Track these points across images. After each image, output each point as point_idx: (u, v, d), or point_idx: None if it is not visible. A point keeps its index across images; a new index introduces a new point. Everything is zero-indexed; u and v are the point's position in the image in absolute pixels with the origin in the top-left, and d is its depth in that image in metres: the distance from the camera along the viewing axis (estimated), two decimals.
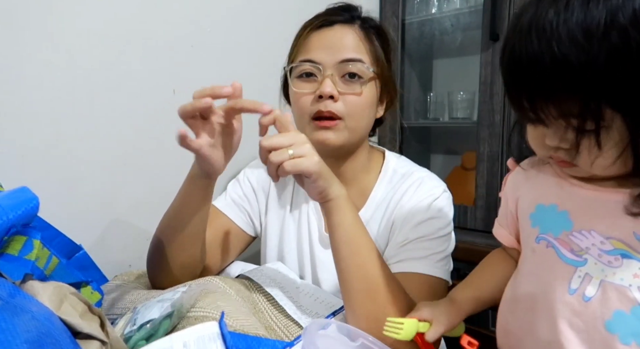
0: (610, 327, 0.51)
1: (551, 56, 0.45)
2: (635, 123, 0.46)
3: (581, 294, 0.53)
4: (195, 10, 1.16)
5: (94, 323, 0.53)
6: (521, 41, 0.48)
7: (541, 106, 0.48)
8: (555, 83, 0.46)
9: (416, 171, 0.91)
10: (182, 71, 1.14)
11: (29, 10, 0.89)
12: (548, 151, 0.54)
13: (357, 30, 0.85)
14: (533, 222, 0.60)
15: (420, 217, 0.82)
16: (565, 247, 0.55)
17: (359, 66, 0.82)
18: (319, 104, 0.82)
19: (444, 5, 1.67)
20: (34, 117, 0.91)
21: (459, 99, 1.66)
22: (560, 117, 0.48)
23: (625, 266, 0.51)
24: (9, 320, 0.41)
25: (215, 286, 0.75)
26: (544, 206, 0.59)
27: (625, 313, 0.51)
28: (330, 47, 0.83)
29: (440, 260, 0.80)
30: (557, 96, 0.47)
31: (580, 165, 0.52)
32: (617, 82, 0.45)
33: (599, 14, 0.44)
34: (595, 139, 0.48)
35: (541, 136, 0.53)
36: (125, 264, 1.05)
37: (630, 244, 0.51)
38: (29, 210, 0.53)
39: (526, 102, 0.49)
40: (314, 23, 0.87)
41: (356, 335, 0.63)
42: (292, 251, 0.95)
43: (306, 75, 0.85)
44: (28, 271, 0.51)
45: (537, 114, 0.49)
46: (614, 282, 0.52)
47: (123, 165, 1.05)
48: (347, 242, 0.71)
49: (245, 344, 0.59)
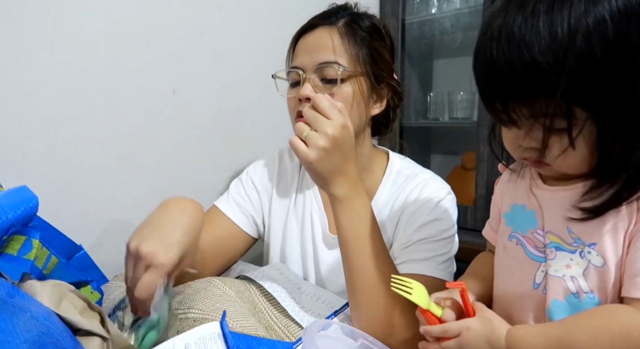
0: (550, 315, 0.56)
1: (521, 60, 0.48)
2: (602, 121, 0.49)
3: (542, 288, 0.58)
4: (195, 10, 1.16)
5: (94, 320, 0.53)
6: (492, 46, 0.50)
7: (514, 107, 0.51)
8: (525, 85, 0.49)
9: (420, 172, 0.91)
10: (182, 71, 1.14)
11: (28, 11, 0.89)
12: (522, 152, 0.56)
13: (338, 30, 0.85)
14: (507, 221, 0.64)
15: (424, 218, 0.82)
16: (531, 244, 0.60)
17: (332, 69, 0.82)
18: (300, 106, 0.83)
19: (444, 5, 1.67)
20: (34, 117, 0.91)
21: (459, 99, 1.66)
22: (532, 118, 0.50)
23: (559, 258, 0.56)
24: (9, 320, 0.41)
25: (215, 286, 0.75)
26: (517, 206, 0.63)
27: (560, 302, 0.55)
28: (309, 51, 0.85)
29: (443, 262, 0.80)
30: (528, 97, 0.49)
31: (552, 164, 0.54)
32: (584, 83, 0.47)
33: (563, 19, 0.46)
34: (567, 137, 0.50)
35: (514, 138, 0.55)
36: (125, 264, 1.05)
37: (562, 237, 0.56)
38: (28, 210, 0.53)
39: (499, 104, 0.51)
40: (300, 29, 0.89)
41: (356, 335, 0.63)
42: (296, 251, 0.95)
43: (295, 83, 0.87)
44: (27, 270, 0.51)
45: (510, 116, 0.51)
46: (551, 274, 0.56)
47: (123, 165, 1.05)
48: (353, 241, 0.71)
49: (246, 344, 0.59)
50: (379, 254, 0.72)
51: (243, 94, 1.28)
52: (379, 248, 0.72)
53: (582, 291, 0.54)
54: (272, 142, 1.15)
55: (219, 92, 1.23)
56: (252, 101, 1.29)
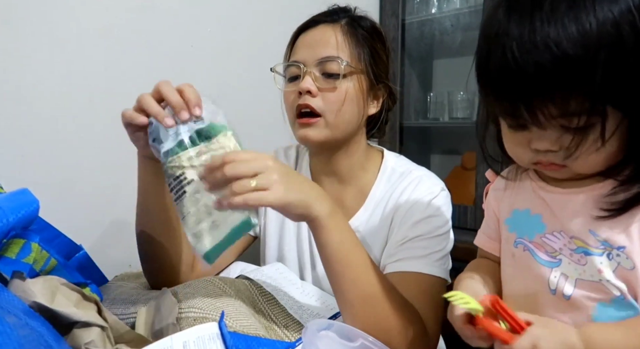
0: (597, 319, 0.53)
1: (550, 56, 0.46)
2: (635, 117, 0.48)
3: (561, 293, 0.55)
4: (195, 10, 1.16)
5: (91, 310, 0.53)
6: (509, 48, 0.48)
7: (540, 106, 0.48)
8: (556, 82, 0.47)
9: (414, 169, 0.91)
10: (182, 71, 1.14)
11: (29, 11, 0.89)
12: (535, 155, 0.53)
13: (341, 28, 0.86)
14: (510, 227, 0.62)
15: (419, 215, 0.82)
16: (540, 249, 0.57)
17: (334, 64, 0.83)
18: (299, 99, 0.84)
19: (444, 5, 1.67)
20: (34, 117, 0.91)
21: (459, 99, 1.66)
22: (560, 117, 0.49)
23: (590, 263, 0.54)
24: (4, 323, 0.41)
25: (215, 286, 0.75)
26: (519, 211, 0.61)
27: (606, 304, 0.53)
28: (312, 46, 0.85)
29: (439, 259, 0.80)
30: (559, 95, 0.47)
31: (573, 165, 0.52)
32: (618, 77, 0.46)
33: (589, 13, 0.45)
34: (594, 135, 0.48)
35: (526, 142, 0.53)
36: (125, 264, 1.05)
37: (586, 242, 0.54)
38: (29, 213, 0.53)
39: (523, 105, 0.49)
40: (302, 25, 0.90)
41: (356, 335, 0.63)
42: (292, 250, 0.95)
43: (293, 78, 0.87)
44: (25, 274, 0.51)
45: (535, 117, 0.49)
46: (587, 279, 0.54)
47: (123, 165, 1.05)
48: (337, 261, 0.68)
49: (245, 344, 0.59)
50: (365, 267, 0.69)
51: (242, 94, 1.28)
52: (364, 261, 0.69)
53: (624, 292, 0.52)
54: (270, 142, 1.15)
55: (219, 92, 1.22)
56: (251, 101, 1.29)
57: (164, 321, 0.63)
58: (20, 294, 0.49)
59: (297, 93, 0.84)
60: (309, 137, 0.84)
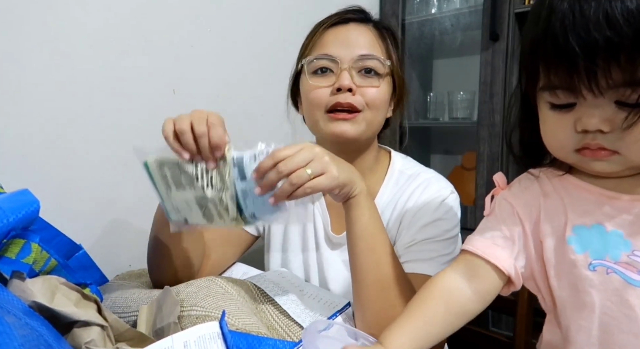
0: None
1: (623, 9, 0.42)
2: None
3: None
4: (195, 10, 1.16)
5: (90, 309, 0.53)
6: (576, 4, 0.44)
7: (602, 69, 0.44)
8: (625, 40, 0.42)
9: (423, 172, 0.90)
10: (182, 71, 1.14)
11: (28, 11, 0.89)
12: (581, 139, 0.48)
13: (371, 29, 0.87)
14: (576, 247, 0.53)
15: (428, 218, 0.82)
16: (631, 270, 0.50)
17: (375, 62, 0.84)
18: (337, 96, 0.82)
19: (444, 5, 1.67)
20: (34, 117, 0.91)
21: (459, 99, 1.66)
22: (622, 85, 0.44)
23: None
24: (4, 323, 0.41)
25: (217, 285, 0.75)
26: (586, 228, 0.53)
27: None
28: (347, 43, 0.85)
29: (446, 262, 0.80)
30: (625, 56, 0.43)
31: (626, 150, 0.47)
32: None
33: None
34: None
35: (571, 124, 0.48)
36: (125, 264, 1.05)
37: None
38: (29, 213, 0.53)
39: (585, 64, 0.44)
40: (329, 21, 0.89)
41: (357, 336, 0.63)
42: (297, 250, 0.95)
43: (322, 70, 0.85)
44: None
45: (596, 80, 0.44)
46: None
47: (123, 165, 1.05)
48: (363, 238, 0.71)
49: (246, 343, 0.59)
50: (387, 250, 0.72)
51: (243, 94, 1.28)
52: (388, 244, 0.73)
53: None
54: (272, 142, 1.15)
55: (219, 92, 1.23)
56: (252, 100, 1.29)
57: (165, 320, 0.63)
58: (20, 294, 0.49)
59: (331, 89, 0.83)
60: (346, 132, 0.82)
